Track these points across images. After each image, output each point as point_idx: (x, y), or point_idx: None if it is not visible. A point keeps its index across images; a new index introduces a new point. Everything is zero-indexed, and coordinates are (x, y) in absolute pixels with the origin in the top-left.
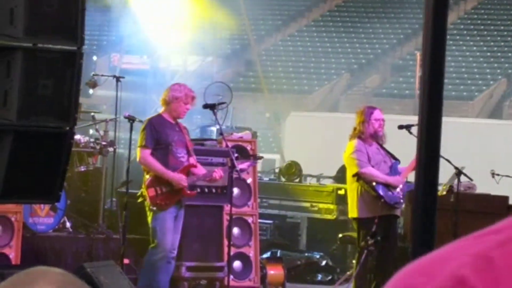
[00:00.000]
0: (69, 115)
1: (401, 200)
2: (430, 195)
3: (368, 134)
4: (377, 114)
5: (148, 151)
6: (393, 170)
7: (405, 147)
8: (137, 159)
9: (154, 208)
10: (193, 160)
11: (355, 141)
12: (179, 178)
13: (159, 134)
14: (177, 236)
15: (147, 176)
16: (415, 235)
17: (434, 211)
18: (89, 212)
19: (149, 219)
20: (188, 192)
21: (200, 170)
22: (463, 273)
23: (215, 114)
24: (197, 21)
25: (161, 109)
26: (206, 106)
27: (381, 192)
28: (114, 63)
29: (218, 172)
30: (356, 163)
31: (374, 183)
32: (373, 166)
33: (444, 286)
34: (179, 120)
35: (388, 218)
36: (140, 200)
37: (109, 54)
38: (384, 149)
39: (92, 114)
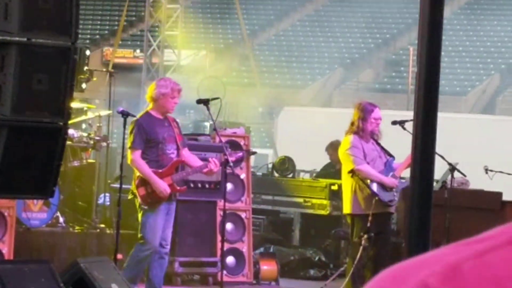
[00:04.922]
0: (63, 110)
1: (396, 198)
2: (425, 191)
3: (366, 131)
4: (376, 113)
5: (138, 153)
6: (388, 167)
7: (398, 143)
8: (128, 161)
9: (146, 207)
10: (184, 153)
11: (351, 137)
12: (162, 189)
13: (148, 134)
14: (169, 230)
15: (138, 175)
16: (411, 231)
17: (429, 207)
18: (82, 207)
19: (140, 216)
20: (178, 188)
21: (196, 161)
22: (430, 282)
23: (208, 109)
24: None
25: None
26: (199, 101)
27: (375, 190)
28: (107, 57)
29: (213, 162)
30: (352, 160)
31: (368, 181)
32: (368, 163)
33: None
34: None
35: (382, 215)
36: (130, 197)
37: (101, 48)
38: (379, 145)
39: (85, 108)
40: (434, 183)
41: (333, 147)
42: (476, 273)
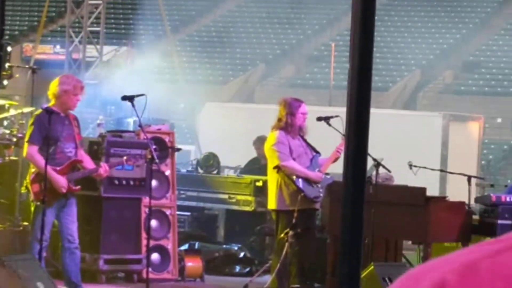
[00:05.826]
0: None
1: (321, 194)
2: (358, 186)
3: (295, 127)
4: (303, 108)
5: (35, 148)
6: (314, 163)
7: (322, 138)
8: (24, 155)
9: (38, 203)
10: (81, 153)
11: (277, 132)
12: (61, 185)
13: (48, 130)
14: (73, 226)
15: (33, 170)
16: (345, 225)
17: (362, 202)
18: (5, 204)
19: (32, 212)
20: (73, 188)
21: (89, 163)
22: (446, 278)
23: (133, 105)
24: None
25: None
26: (125, 97)
27: (301, 186)
28: (26, 53)
29: (103, 167)
30: (278, 156)
31: (294, 177)
32: (294, 159)
33: None
34: None
35: (307, 211)
36: (23, 191)
37: (21, 44)
38: (305, 141)
39: (7, 106)
40: None
41: (260, 141)
42: (491, 271)
